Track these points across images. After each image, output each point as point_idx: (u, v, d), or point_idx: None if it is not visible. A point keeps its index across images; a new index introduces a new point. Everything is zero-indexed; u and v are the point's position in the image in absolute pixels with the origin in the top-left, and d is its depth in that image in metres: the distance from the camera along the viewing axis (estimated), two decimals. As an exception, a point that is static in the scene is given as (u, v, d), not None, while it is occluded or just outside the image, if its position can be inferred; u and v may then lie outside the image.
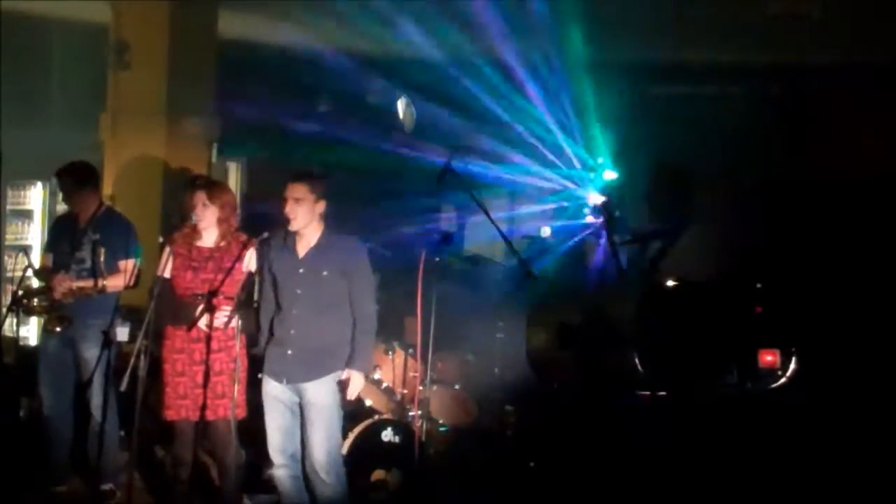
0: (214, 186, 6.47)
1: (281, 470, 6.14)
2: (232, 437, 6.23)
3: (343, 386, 6.02)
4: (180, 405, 6.21)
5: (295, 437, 6.12)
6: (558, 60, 9.76)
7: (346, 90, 11.05)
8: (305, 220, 6.00)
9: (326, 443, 6.02)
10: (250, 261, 6.26)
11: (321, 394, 6.01)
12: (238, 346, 6.12)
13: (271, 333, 6.12)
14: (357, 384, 6.05)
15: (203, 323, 6.04)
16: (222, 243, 6.27)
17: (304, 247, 6.07)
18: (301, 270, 6.05)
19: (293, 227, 6.00)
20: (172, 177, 8.88)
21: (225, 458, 6.37)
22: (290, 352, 6.04)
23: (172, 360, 6.24)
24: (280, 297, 6.10)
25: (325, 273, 6.01)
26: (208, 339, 6.08)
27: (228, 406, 6.15)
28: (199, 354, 6.16)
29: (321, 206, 6.04)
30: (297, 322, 6.05)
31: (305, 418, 6.06)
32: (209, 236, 6.30)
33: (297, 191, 5.97)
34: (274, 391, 6.10)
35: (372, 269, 6.20)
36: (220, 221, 6.27)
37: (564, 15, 9.06)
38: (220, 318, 6.09)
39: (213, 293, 6.00)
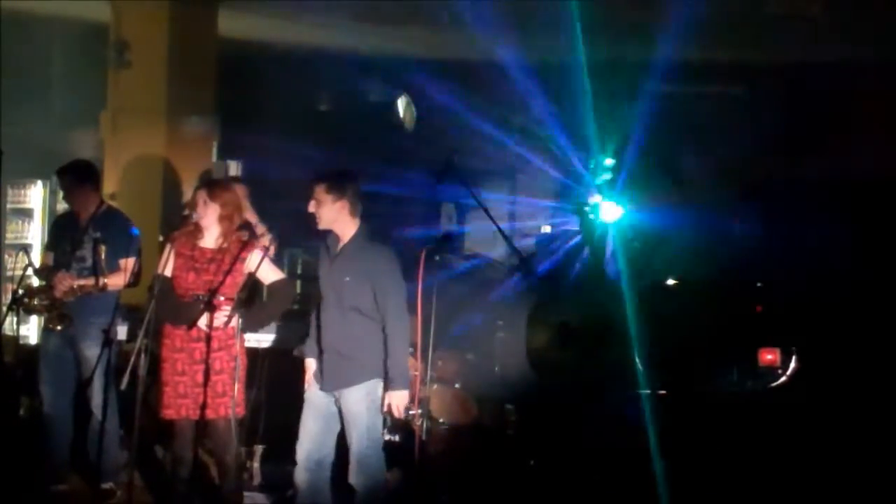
0: (215, 184, 6.46)
1: (302, 473, 6.03)
2: (232, 436, 6.22)
3: (388, 409, 5.92)
4: (180, 404, 6.19)
5: (324, 445, 6.03)
6: (558, 60, 9.77)
7: (345, 90, 11.07)
8: (329, 220, 5.95)
9: (358, 451, 5.94)
10: (251, 261, 6.24)
11: (350, 402, 5.95)
12: (238, 345, 6.12)
13: (318, 336, 6.09)
14: (399, 403, 5.92)
15: (203, 322, 6.04)
16: (225, 244, 6.25)
17: (337, 248, 6.04)
18: (330, 272, 6.02)
19: (319, 226, 5.98)
20: (172, 176, 8.89)
21: (225, 456, 6.35)
22: (325, 356, 6.00)
23: (172, 359, 6.22)
24: (322, 299, 6.08)
25: (347, 279, 5.93)
26: (208, 338, 6.08)
27: (229, 405, 6.15)
28: (199, 354, 6.13)
29: (344, 206, 5.93)
30: (328, 325, 5.99)
31: (344, 425, 6.00)
32: (211, 235, 6.29)
33: (316, 191, 5.94)
34: (313, 395, 6.06)
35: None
36: (222, 220, 6.25)
37: (564, 15, 9.06)
38: (220, 317, 6.09)
39: (213, 293, 6.00)
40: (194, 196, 6.35)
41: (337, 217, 5.95)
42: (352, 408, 5.95)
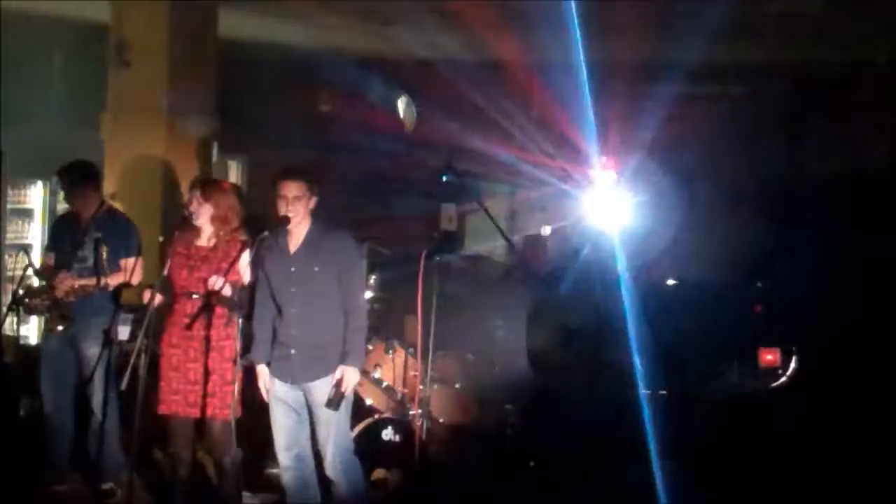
0: (209, 184, 6.47)
1: (286, 471, 6.11)
2: (230, 436, 6.21)
3: (338, 383, 5.92)
4: (172, 400, 6.22)
5: (300, 439, 6.09)
6: (557, 60, 9.77)
7: (346, 90, 11.06)
8: (301, 216, 5.97)
9: (336, 442, 5.98)
10: (247, 261, 6.24)
11: (321, 394, 5.97)
12: (238, 346, 6.12)
13: (274, 335, 6.10)
14: (351, 379, 5.97)
15: (200, 322, 6.07)
16: (219, 243, 6.26)
17: (294, 244, 6.04)
18: (293, 268, 6.01)
19: (289, 225, 5.95)
20: (172, 176, 8.89)
21: (222, 456, 6.35)
22: (293, 351, 6.01)
23: (168, 354, 6.25)
24: (277, 297, 6.08)
25: (316, 269, 5.97)
26: (207, 338, 6.10)
27: (218, 405, 6.15)
28: (192, 352, 6.17)
29: (314, 202, 6.01)
30: (295, 321, 6.02)
31: (315, 418, 6.04)
32: (206, 234, 6.31)
33: (295, 189, 5.93)
34: (279, 392, 6.07)
35: (371, 267, 6.19)
36: (214, 219, 6.27)
37: (564, 14, 9.06)
38: (218, 318, 6.11)
39: (210, 293, 6.01)
40: (191, 196, 6.37)
41: (306, 214, 5.99)
42: (323, 399, 5.95)
